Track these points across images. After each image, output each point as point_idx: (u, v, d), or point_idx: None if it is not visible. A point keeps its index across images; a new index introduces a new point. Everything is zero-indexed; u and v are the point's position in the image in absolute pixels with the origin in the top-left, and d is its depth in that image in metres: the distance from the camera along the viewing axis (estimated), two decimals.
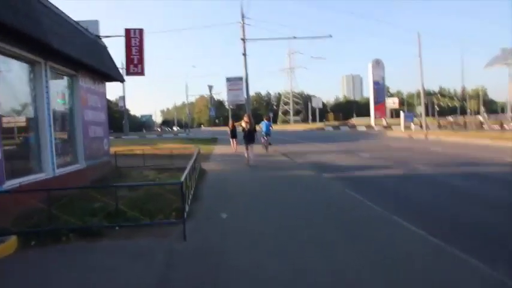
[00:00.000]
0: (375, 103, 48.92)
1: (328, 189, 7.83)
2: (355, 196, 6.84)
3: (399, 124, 45.06)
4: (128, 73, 9.78)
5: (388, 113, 50.44)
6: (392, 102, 59.61)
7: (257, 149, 18.02)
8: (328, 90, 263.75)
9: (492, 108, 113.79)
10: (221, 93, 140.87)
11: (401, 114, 34.39)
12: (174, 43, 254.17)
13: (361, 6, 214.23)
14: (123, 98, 44.91)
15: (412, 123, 32.09)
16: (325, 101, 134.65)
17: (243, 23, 24.73)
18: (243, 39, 24.65)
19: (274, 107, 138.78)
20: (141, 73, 9.77)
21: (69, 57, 7.49)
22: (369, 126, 46.93)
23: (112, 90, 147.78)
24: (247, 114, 13.41)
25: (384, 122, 48.56)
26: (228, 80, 25.48)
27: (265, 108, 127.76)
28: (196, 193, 7.31)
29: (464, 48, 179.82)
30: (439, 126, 31.13)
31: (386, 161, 13.18)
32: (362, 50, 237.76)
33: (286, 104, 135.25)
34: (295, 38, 25.55)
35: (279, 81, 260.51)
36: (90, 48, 9.08)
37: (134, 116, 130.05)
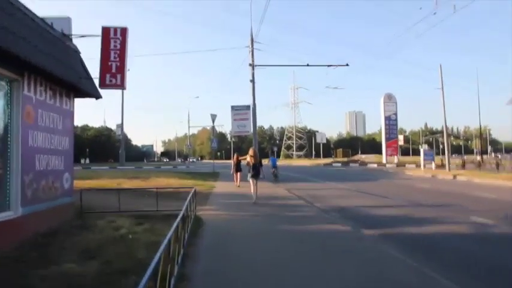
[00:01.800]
0: (387, 139, 46.46)
1: (383, 262, 4.98)
2: (436, 278, 4.11)
3: (412, 162, 42.49)
4: (103, 85, 7.16)
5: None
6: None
7: (266, 188, 15.36)
8: (330, 126, 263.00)
9: (497, 147, 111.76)
10: (224, 126, 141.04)
11: (421, 151, 31.71)
12: (178, 71, 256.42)
13: (358, 41, 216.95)
14: (120, 126, 42.60)
15: (433, 162, 29.35)
16: (328, 137, 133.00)
17: (252, 48, 22.62)
18: (252, 65, 22.43)
19: (277, 141, 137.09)
20: (121, 85, 7.16)
21: (9, 53, 4.98)
22: (380, 164, 44.16)
23: (112, 118, 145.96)
24: (253, 149, 12.49)
25: (396, 160, 45.89)
26: (234, 108, 22.97)
27: (267, 143, 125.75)
28: (185, 267, 4.52)
29: (470, 87, 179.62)
30: (463, 166, 28.32)
31: (431, 209, 10.36)
32: (364, 86, 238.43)
33: (290, 138, 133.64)
34: (308, 65, 23.20)
35: (282, 115, 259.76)
36: (51, 48, 6.58)
37: (136, 146, 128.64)
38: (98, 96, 8.05)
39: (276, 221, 8.23)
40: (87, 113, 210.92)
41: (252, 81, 22.42)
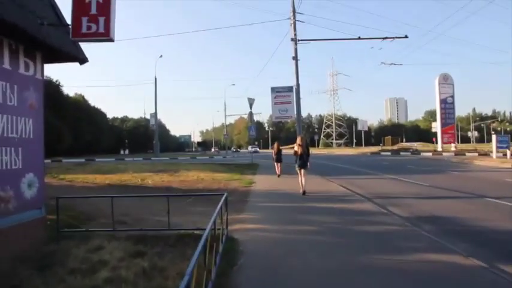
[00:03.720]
0: (443, 125, 41.59)
1: None
2: None
3: (471, 150, 37.72)
4: (76, 34, 4.49)
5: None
6: None
7: (314, 183, 12.40)
8: (369, 113, 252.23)
9: None
10: (261, 114, 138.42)
11: (494, 137, 27.24)
12: (213, 58, 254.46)
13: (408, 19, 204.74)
14: (154, 115, 40.82)
15: (508, 151, 24.92)
16: (368, 124, 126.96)
17: (294, 20, 19.46)
18: (294, 40, 19.30)
19: (316, 130, 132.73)
20: (105, 35, 4.48)
21: None
22: (435, 152, 39.63)
23: (152, 109, 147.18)
24: (301, 137, 11.52)
25: (453, 147, 41.11)
26: (274, 90, 19.95)
27: (306, 131, 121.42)
28: None
29: None
30: None
31: None
32: (405, 72, 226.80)
33: (329, 126, 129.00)
34: (360, 38, 19.73)
35: (320, 102, 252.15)
36: None
37: (174, 136, 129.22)
38: (79, 56, 5.37)
39: (351, 243, 5.26)
40: (129, 105, 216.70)
41: (295, 58, 19.30)
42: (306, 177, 10.82)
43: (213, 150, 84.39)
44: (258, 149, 65.22)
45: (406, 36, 20.00)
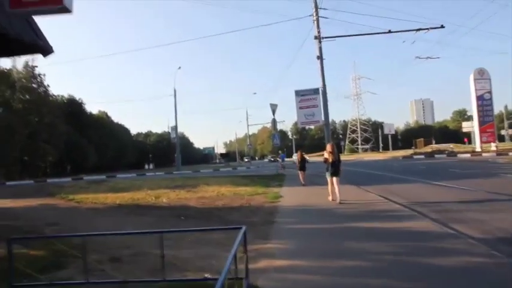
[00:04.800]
0: (481, 123, 38.68)
1: None
2: None
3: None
4: (16, 3, 3.19)
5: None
6: (472, 126, 48.99)
7: (348, 193, 10.64)
8: (394, 116, 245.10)
9: None
10: (285, 122, 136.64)
11: None
12: (233, 66, 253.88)
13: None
14: (175, 128, 39.92)
15: None
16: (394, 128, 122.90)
17: (317, 16, 17.89)
18: (318, 37, 17.69)
19: (340, 135, 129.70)
20: (57, 2, 3.14)
21: None
22: (474, 153, 36.80)
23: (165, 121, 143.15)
24: (331, 144, 10.98)
25: (493, 147, 38.12)
26: (298, 93, 18.33)
27: (331, 138, 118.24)
28: None
29: None
30: None
31: None
32: (431, 72, 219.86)
33: (354, 132, 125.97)
34: (390, 32, 17.95)
35: (344, 107, 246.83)
36: None
37: (198, 149, 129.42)
38: (37, 43, 3.97)
39: None
40: (153, 120, 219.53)
41: (320, 57, 17.67)
42: (339, 186, 10.17)
43: (246, 160, 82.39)
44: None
45: (442, 26, 18.07)
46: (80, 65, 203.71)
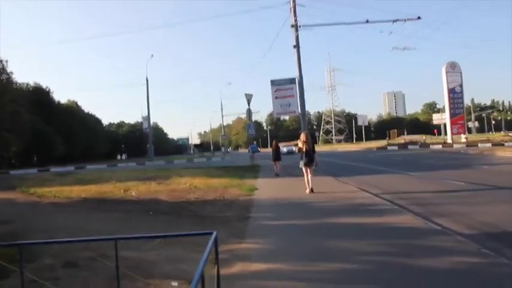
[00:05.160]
0: (452, 115, 39.47)
1: None
2: None
3: (485, 141, 35.77)
4: None
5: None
6: (441, 118, 50.52)
7: (327, 185, 10.29)
8: (367, 108, 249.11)
9: None
10: (260, 112, 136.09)
11: None
12: (208, 55, 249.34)
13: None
14: (147, 118, 38.71)
15: None
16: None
17: (294, 3, 17.36)
18: (295, 26, 17.21)
19: (314, 127, 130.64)
20: None
21: None
22: (445, 144, 37.58)
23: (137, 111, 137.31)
24: (305, 133, 10.85)
25: (463, 139, 39.03)
26: (274, 83, 17.82)
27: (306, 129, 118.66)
28: None
29: None
30: None
31: None
32: (403, 65, 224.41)
33: (328, 123, 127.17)
34: (368, 22, 17.67)
35: (318, 99, 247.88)
36: None
37: (172, 139, 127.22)
38: None
39: None
40: (125, 110, 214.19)
41: (296, 46, 17.22)
42: (312, 176, 10.25)
43: (229, 149, 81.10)
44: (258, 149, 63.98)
45: (419, 18, 17.98)
46: (50, 53, 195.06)
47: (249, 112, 20.51)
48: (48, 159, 50.47)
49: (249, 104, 20.64)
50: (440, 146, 36.19)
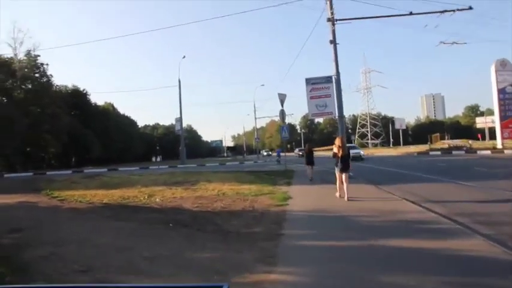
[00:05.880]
0: (502, 118, 36.50)
1: None
2: None
3: None
4: None
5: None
6: (485, 122, 47.12)
7: (370, 199, 9.06)
8: (404, 111, 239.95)
9: None
10: (293, 115, 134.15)
11: None
12: (241, 58, 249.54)
13: None
14: (179, 119, 38.47)
15: None
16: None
17: None
18: (332, 20, 15.98)
19: (349, 130, 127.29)
20: None
21: None
22: (495, 150, 34.74)
23: (184, 115, 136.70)
24: (340, 138, 10.37)
25: None
26: (309, 82, 16.61)
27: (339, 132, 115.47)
28: None
29: None
30: None
31: None
32: (442, 66, 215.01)
33: (363, 126, 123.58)
34: (412, 14, 16.16)
35: (353, 101, 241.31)
36: None
37: (206, 142, 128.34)
38: None
39: None
40: (160, 112, 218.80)
41: (333, 41, 15.98)
42: (348, 183, 9.73)
43: (265, 153, 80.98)
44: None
45: (470, 8, 16.23)
46: (88, 56, 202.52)
47: (283, 113, 19.39)
48: (86, 160, 51.61)
49: (282, 104, 19.53)
50: (489, 152, 33.46)
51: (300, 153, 46.63)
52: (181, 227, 7.01)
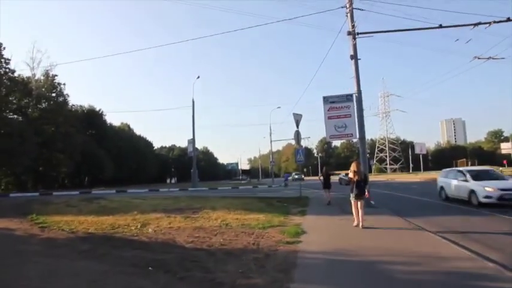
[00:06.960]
0: None
1: None
2: None
3: None
4: None
5: None
6: (510, 147, 44.37)
7: (398, 233, 7.35)
8: (424, 136, 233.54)
9: None
10: (309, 139, 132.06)
11: None
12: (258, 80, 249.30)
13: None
14: (192, 141, 37.36)
15: None
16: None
17: (351, 7, 14.85)
18: (352, 33, 14.63)
19: (368, 154, 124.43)
20: None
21: None
22: None
23: (200, 137, 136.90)
24: (356, 162, 9.75)
25: None
26: (327, 100, 15.11)
27: (356, 157, 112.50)
28: None
29: None
30: None
31: None
32: (459, 90, 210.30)
33: (382, 151, 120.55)
34: (441, 26, 14.69)
35: (370, 126, 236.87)
36: None
37: (222, 164, 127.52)
38: None
39: None
40: (177, 133, 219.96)
41: (354, 56, 14.58)
42: (363, 210, 9.38)
43: (296, 176, 71.32)
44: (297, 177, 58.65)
45: (508, 19, 14.64)
46: (107, 77, 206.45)
47: (298, 135, 17.89)
48: (99, 180, 50.87)
49: (297, 125, 18.07)
50: None
51: (296, 176, 48.89)
52: (162, 272, 5.50)
